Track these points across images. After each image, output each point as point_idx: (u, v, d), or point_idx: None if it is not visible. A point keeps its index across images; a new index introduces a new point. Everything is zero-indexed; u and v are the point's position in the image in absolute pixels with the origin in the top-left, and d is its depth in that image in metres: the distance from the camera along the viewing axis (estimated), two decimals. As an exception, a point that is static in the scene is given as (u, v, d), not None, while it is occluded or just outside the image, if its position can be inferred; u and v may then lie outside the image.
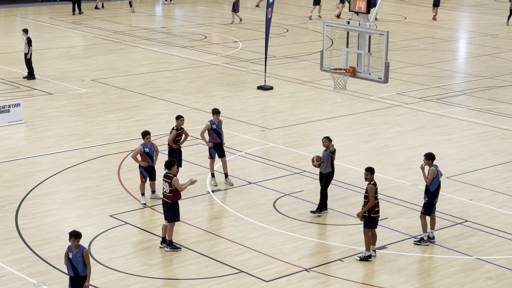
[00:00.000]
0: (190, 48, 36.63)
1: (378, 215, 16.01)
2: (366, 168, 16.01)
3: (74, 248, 13.36)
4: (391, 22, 44.46)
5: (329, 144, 18.09)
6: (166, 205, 16.34)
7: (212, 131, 19.75)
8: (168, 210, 16.35)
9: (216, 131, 19.75)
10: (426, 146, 23.17)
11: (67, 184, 20.07)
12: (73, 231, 13.46)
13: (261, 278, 15.39)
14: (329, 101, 28.16)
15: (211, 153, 19.88)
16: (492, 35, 41.45)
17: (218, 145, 19.84)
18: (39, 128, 24.60)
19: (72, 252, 13.37)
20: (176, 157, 19.23)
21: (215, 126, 19.75)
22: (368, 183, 15.92)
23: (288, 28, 42.26)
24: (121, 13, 46.69)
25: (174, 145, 19.41)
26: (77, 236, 13.34)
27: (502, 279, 15.55)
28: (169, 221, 16.37)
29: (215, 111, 19.85)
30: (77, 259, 13.33)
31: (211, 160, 19.91)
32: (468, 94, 29.55)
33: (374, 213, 15.92)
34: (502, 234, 17.55)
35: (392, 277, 15.53)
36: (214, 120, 19.75)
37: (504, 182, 20.69)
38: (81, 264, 13.35)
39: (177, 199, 16.28)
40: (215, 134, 19.77)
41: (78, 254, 13.31)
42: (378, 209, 15.97)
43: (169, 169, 16.26)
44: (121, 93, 28.81)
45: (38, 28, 40.89)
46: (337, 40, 21.48)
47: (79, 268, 13.36)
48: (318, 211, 18.29)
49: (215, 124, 19.75)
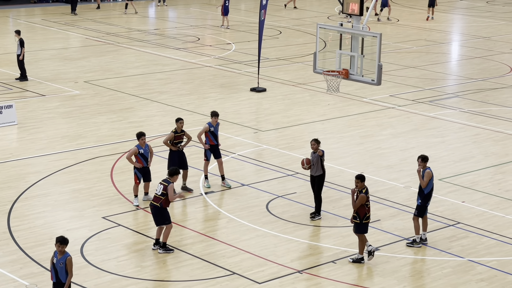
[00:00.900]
0: (183, 50, 36.62)
1: (368, 221, 16.01)
2: (356, 176, 15.96)
3: (59, 253, 13.15)
4: (384, 25, 44.54)
5: (317, 147, 18.05)
6: (154, 209, 16.25)
7: (209, 133, 19.73)
8: (156, 215, 16.25)
9: (213, 133, 19.73)
10: (418, 148, 23.21)
11: (60, 186, 20.04)
12: (60, 236, 13.22)
13: (254, 280, 15.39)
14: (322, 103, 28.19)
15: (206, 155, 19.86)
16: (484, 37, 41.56)
17: (214, 147, 19.83)
18: (31, 130, 24.56)
19: (57, 258, 13.17)
20: (176, 159, 19.23)
21: (213, 129, 19.73)
22: (358, 190, 15.88)
23: (281, 30, 42.29)
24: (114, 14, 46.66)
25: (172, 147, 19.36)
26: (63, 241, 13.08)
27: (494, 280, 15.59)
28: (157, 224, 16.30)
29: (214, 113, 19.80)
30: (60, 266, 13.10)
31: (206, 162, 19.90)
32: (461, 96, 29.62)
33: (366, 219, 15.91)
34: (494, 236, 17.60)
35: (384, 279, 15.56)
36: (213, 123, 19.73)
37: (496, 184, 20.74)
38: (64, 270, 13.11)
39: (166, 206, 16.22)
40: (212, 136, 19.75)
41: (62, 261, 13.09)
42: (369, 215, 15.95)
43: (171, 176, 16.27)
44: (114, 94, 28.79)
45: (31, 29, 40.83)
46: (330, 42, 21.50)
47: (61, 275, 13.12)
48: (317, 214, 18.29)
49: (213, 126, 19.73)
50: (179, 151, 19.41)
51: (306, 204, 18.98)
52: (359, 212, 15.84)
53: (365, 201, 15.78)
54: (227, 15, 42.36)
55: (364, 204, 15.79)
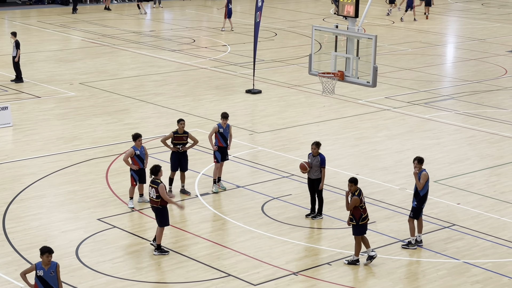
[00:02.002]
0: (178, 52, 36.62)
1: (366, 221, 16.01)
2: (349, 179, 15.96)
3: (46, 264, 12.75)
4: (379, 27, 44.59)
5: (318, 151, 18.04)
6: (156, 209, 16.34)
7: (218, 134, 19.69)
8: (157, 215, 16.35)
9: (222, 135, 19.69)
10: (414, 150, 23.23)
11: (55, 188, 20.02)
12: (45, 246, 12.84)
13: (249, 281, 15.39)
14: (317, 105, 28.20)
15: (216, 157, 19.78)
16: (479, 39, 41.63)
17: (223, 149, 19.79)
18: (26, 132, 24.53)
19: (44, 269, 12.75)
20: (176, 161, 19.22)
21: (222, 130, 19.71)
22: (352, 193, 15.91)
23: (277, 32, 42.31)
24: (109, 16, 46.64)
25: (169, 147, 19.37)
26: (51, 251, 12.76)
27: (489, 282, 15.61)
28: (159, 225, 16.36)
29: (224, 115, 19.76)
30: (51, 275, 12.77)
31: (216, 163, 19.80)
32: (456, 98, 29.67)
33: (362, 220, 15.93)
34: (489, 238, 17.62)
35: (380, 281, 15.57)
36: (222, 124, 19.72)
37: (491, 186, 20.77)
38: (55, 279, 12.76)
39: (166, 204, 16.27)
40: (221, 138, 19.71)
41: (52, 270, 12.78)
42: (365, 215, 15.97)
43: (155, 175, 16.25)
44: (109, 96, 28.77)
45: (26, 31, 40.78)
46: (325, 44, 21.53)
47: (54, 284, 12.78)
48: (319, 214, 18.30)
49: (223, 128, 19.71)
50: (180, 152, 19.37)
51: (302, 206, 18.99)
52: (355, 214, 15.86)
53: (359, 203, 15.79)
54: (230, 18, 42.27)
55: (359, 206, 15.81)
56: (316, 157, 18.05)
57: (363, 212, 15.89)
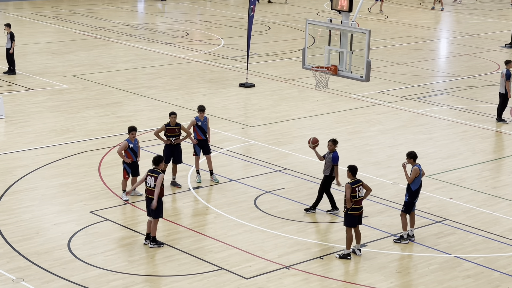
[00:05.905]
0: (172, 45, 36.56)
1: (356, 213, 15.98)
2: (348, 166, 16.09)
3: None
4: (372, 21, 44.60)
5: (334, 148, 18.02)
6: (150, 201, 16.29)
7: (197, 127, 19.75)
8: (149, 206, 16.31)
9: (200, 127, 19.74)
10: (406, 144, 23.27)
11: (47, 180, 19.98)
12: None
13: (241, 275, 15.40)
14: (310, 99, 28.21)
15: (195, 150, 19.88)
16: (472, 34, 41.68)
17: (203, 142, 19.84)
18: (19, 124, 24.47)
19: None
20: (169, 153, 19.26)
21: (200, 123, 19.75)
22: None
23: (270, 26, 42.28)
24: (103, 8, 46.52)
25: (162, 140, 19.40)
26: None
27: (480, 277, 15.65)
28: (153, 217, 16.34)
29: (200, 108, 19.84)
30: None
31: (196, 157, 19.91)
32: (449, 93, 29.71)
33: (352, 210, 15.92)
34: (481, 232, 17.67)
35: (371, 275, 15.60)
36: (200, 117, 19.76)
37: (483, 181, 20.82)
38: None
39: (161, 196, 16.25)
40: (199, 131, 19.76)
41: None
42: (356, 206, 15.96)
43: (156, 165, 16.26)
44: (102, 89, 28.71)
45: (19, 23, 40.65)
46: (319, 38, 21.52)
47: None
48: (333, 209, 18.31)
49: (200, 121, 19.75)
50: (173, 145, 19.41)
51: (294, 200, 19.00)
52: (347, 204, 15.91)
53: (350, 191, 15.77)
54: None
55: (350, 195, 15.81)
56: (330, 154, 18.03)
57: (354, 203, 15.87)
